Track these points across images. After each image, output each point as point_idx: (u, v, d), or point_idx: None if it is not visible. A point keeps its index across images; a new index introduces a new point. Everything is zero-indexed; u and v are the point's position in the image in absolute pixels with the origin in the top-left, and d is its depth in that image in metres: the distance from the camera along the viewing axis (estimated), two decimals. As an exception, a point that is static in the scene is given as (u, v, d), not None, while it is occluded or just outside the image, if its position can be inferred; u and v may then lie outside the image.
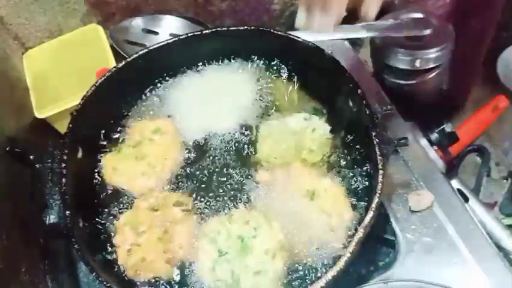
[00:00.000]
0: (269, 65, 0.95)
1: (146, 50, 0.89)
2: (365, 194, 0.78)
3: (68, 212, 0.72)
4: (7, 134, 0.91)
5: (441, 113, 1.06)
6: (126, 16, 1.20)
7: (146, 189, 0.82)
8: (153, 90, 0.94)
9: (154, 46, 0.89)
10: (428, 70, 1.05)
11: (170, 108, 0.91)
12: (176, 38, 0.91)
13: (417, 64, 1.03)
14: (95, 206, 0.82)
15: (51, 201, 0.76)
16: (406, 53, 1.02)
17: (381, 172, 0.71)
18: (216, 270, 0.71)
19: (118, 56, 1.12)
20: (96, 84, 0.84)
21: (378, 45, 1.05)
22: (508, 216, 1.06)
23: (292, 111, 0.89)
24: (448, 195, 0.88)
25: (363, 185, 0.79)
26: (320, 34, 1.03)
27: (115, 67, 0.87)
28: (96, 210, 0.81)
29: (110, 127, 0.89)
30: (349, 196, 0.78)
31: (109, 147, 0.87)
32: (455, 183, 1.01)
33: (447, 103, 1.17)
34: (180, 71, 0.95)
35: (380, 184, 0.70)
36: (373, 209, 0.68)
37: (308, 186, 0.77)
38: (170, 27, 1.21)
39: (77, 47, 1.17)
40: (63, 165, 0.76)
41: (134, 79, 0.90)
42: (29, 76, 1.11)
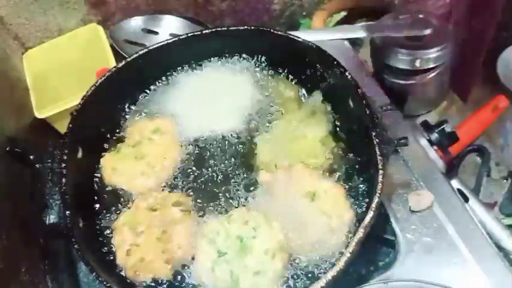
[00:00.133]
0: (269, 65, 0.95)
1: (146, 50, 0.89)
2: (365, 194, 0.78)
3: (68, 212, 0.72)
4: (7, 134, 0.91)
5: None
6: (126, 16, 1.20)
7: (145, 189, 0.82)
8: (153, 90, 0.94)
9: (154, 46, 0.89)
10: (428, 70, 1.05)
11: (170, 108, 0.91)
12: (176, 38, 0.91)
13: (417, 64, 1.03)
14: (95, 206, 0.82)
15: (51, 201, 0.76)
16: (406, 53, 1.02)
17: (381, 172, 0.71)
18: (215, 270, 0.71)
19: (118, 56, 1.12)
20: (96, 84, 0.84)
21: (378, 45, 1.05)
22: (508, 216, 1.06)
23: (292, 111, 0.89)
24: (448, 195, 0.88)
25: (363, 185, 0.79)
26: (320, 34, 1.03)
27: (115, 67, 0.87)
28: (96, 210, 0.81)
29: (110, 127, 0.89)
30: (349, 196, 0.78)
31: (109, 147, 0.87)
32: (455, 183, 1.01)
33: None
34: (180, 71, 0.95)
35: (380, 184, 0.70)
36: (373, 209, 0.68)
37: (309, 187, 0.77)
38: (170, 27, 1.21)
39: (77, 47, 1.17)
40: (63, 165, 0.76)
41: (134, 79, 0.90)
42: (29, 76, 1.11)
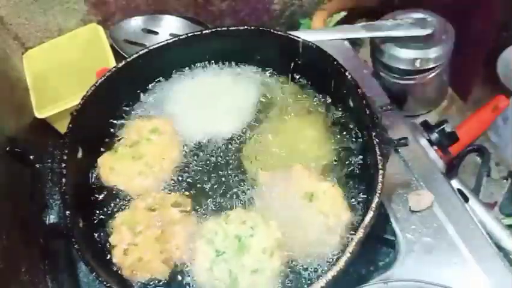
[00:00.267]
0: (269, 65, 0.95)
1: (146, 50, 0.89)
2: (365, 194, 0.78)
3: (68, 212, 0.72)
4: (7, 134, 0.91)
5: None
6: (126, 16, 1.20)
7: (143, 189, 0.81)
8: (153, 90, 0.94)
9: (154, 46, 0.89)
10: (428, 70, 1.05)
11: (169, 108, 0.91)
12: (176, 38, 0.91)
13: (417, 64, 1.03)
14: (95, 206, 0.81)
15: (51, 201, 0.76)
16: (406, 53, 1.02)
17: (381, 172, 0.71)
18: (214, 270, 0.71)
19: (118, 56, 1.12)
20: (96, 84, 0.84)
21: (378, 45, 1.05)
22: (508, 216, 1.06)
23: (291, 111, 0.89)
24: (448, 195, 0.88)
25: (363, 185, 0.79)
26: (320, 34, 1.03)
27: (115, 67, 0.87)
28: (97, 209, 0.81)
29: (110, 127, 0.89)
30: (348, 197, 0.78)
31: (109, 147, 0.87)
32: (455, 183, 1.01)
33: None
34: (180, 71, 0.95)
35: (380, 184, 0.70)
36: (373, 209, 0.68)
37: (307, 188, 0.77)
38: (170, 27, 1.21)
39: (77, 47, 1.17)
40: (63, 165, 0.76)
41: (134, 79, 0.90)
42: (29, 76, 1.11)
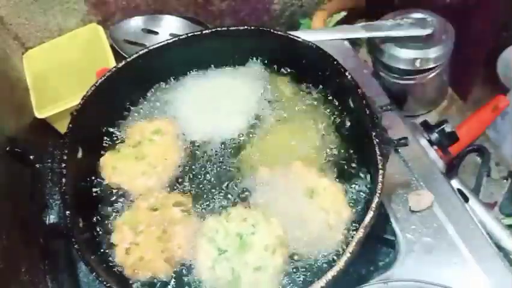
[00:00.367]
0: (269, 65, 0.95)
1: (146, 50, 0.89)
2: (365, 194, 0.78)
3: (68, 212, 0.72)
4: (7, 134, 0.91)
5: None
6: (126, 16, 1.20)
7: (146, 188, 0.81)
8: (153, 90, 0.94)
9: (154, 46, 0.89)
10: (428, 70, 1.05)
11: (170, 108, 0.91)
12: (176, 38, 0.91)
13: (417, 64, 1.03)
14: (95, 206, 0.81)
15: (51, 201, 0.76)
16: (406, 53, 1.02)
17: (381, 172, 0.71)
18: (216, 268, 0.71)
19: (118, 56, 1.12)
20: (96, 84, 0.84)
21: (378, 45, 1.05)
22: (508, 216, 1.06)
23: (292, 111, 0.89)
24: (448, 195, 0.88)
25: (363, 185, 0.79)
26: (320, 34, 1.03)
27: (115, 67, 0.87)
28: (96, 210, 0.81)
29: (110, 127, 0.89)
30: (349, 196, 0.78)
31: (109, 147, 0.87)
32: (455, 183, 1.01)
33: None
34: (180, 71, 0.95)
35: (380, 184, 0.70)
36: (373, 209, 0.68)
37: (308, 184, 0.77)
38: (170, 27, 1.21)
39: (77, 47, 1.17)
40: (63, 165, 0.76)
41: (134, 79, 0.90)
42: (29, 76, 1.11)
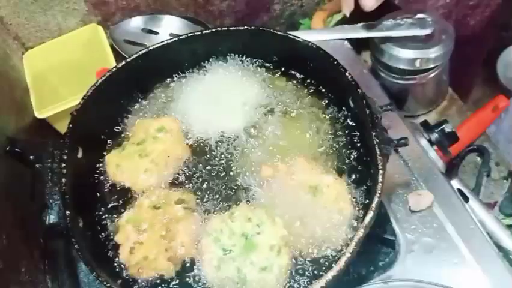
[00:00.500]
0: (269, 65, 0.95)
1: (146, 50, 0.89)
2: (365, 194, 0.78)
3: (68, 212, 0.72)
4: (7, 134, 0.91)
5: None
6: (126, 16, 1.21)
7: (148, 185, 0.82)
8: (153, 90, 0.94)
9: (154, 46, 0.89)
10: (428, 70, 1.05)
11: (171, 107, 0.92)
12: (176, 38, 0.91)
13: (417, 64, 1.03)
14: (95, 206, 0.82)
15: (51, 201, 0.76)
16: (406, 53, 1.02)
17: (381, 172, 0.71)
18: (222, 268, 0.71)
19: (118, 56, 1.12)
20: (96, 84, 0.84)
21: (378, 45, 1.05)
22: (508, 216, 1.06)
23: (292, 110, 0.89)
24: (448, 195, 0.88)
25: (363, 185, 0.79)
26: (320, 34, 1.03)
27: (115, 67, 0.87)
28: (96, 209, 0.81)
29: (110, 127, 0.89)
30: (350, 194, 0.78)
31: (109, 146, 0.87)
32: (455, 183, 1.01)
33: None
34: (180, 71, 0.95)
35: (380, 184, 0.70)
36: (373, 209, 0.68)
37: (311, 182, 0.77)
38: (170, 27, 1.21)
39: (77, 47, 1.17)
40: (63, 165, 0.76)
41: (134, 79, 0.90)
42: (29, 76, 1.11)
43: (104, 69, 0.97)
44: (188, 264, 0.75)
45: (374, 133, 0.74)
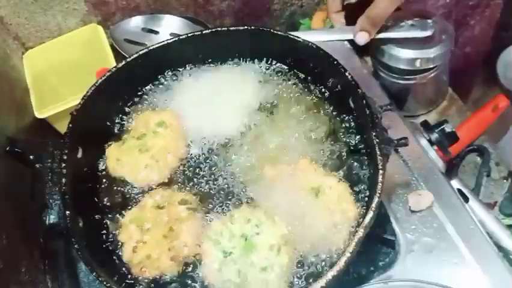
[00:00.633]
0: (269, 65, 0.94)
1: (146, 50, 0.89)
2: (366, 194, 0.78)
3: (68, 212, 0.72)
4: (7, 134, 0.91)
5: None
6: (126, 16, 1.21)
7: (148, 182, 0.82)
8: (153, 90, 0.94)
9: (154, 46, 0.89)
10: (428, 70, 1.05)
11: (170, 108, 0.91)
12: (176, 38, 0.90)
13: (417, 64, 1.03)
14: (95, 206, 0.82)
15: (51, 201, 0.76)
16: (406, 53, 1.02)
17: (381, 172, 0.71)
18: (223, 271, 0.71)
19: (118, 56, 1.12)
20: (96, 84, 0.84)
21: (378, 45, 1.05)
22: (508, 216, 1.06)
23: (292, 111, 0.89)
24: (448, 195, 0.88)
25: (363, 185, 0.79)
26: (320, 34, 1.03)
27: (115, 67, 0.87)
28: (96, 209, 0.81)
29: (110, 127, 0.89)
30: (351, 196, 0.78)
31: (109, 145, 0.87)
32: (455, 183, 1.01)
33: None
34: (180, 71, 0.95)
35: (380, 184, 0.70)
36: (373, 209, 0.68)
37: (313, 183, 0.77)
38: (170, 26, 1.21)
39: (77, 47, 1.17)
40: (63, 165, 0.76)
41: (134, 79, 0.90)
42: (29, 76, 1.11)
43: (104, 69, 0.97)
44: (190, 264, 0.75)
45: (374, 133, 0.74)
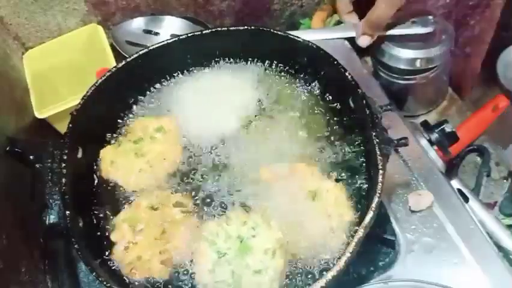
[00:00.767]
0: (269, 65, 0.95)
1: (146, 50, 0.89)
2: (365, 194, 0.78)
3: (68, 212, 0.72)
4: (7, 134, 0.91)
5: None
6: (126, 16, 1.20)
7: (141, 186, 0.81)
8: (153, 90, 0.94)
9: (154, 46, 0.89)
10: (428, 70, 1.05)
11: (170, 108, 0.91)
12: (176, 38, 0.90)
13: (417, 64, 1.03)
14: (95, 206, 0.81)
15: (51, 201, 0.76)
16: (406, 53, 1.02)
17: (381, 172, 0.71)
18: (216, 271, 0.71)
19: (118, 56, 1.12)
20: (96, 84, 0.84)
21: (378, 45, 1.05)
22: (508, 216, 1.06)
23: (292, 111, 0.89)
24: (448, 195, 0.88)
25: (363, 185, 0.79)
26: (320, 34, 1.04)
27: (115, 67, 0.87)
28: (96, 209, 0.81)
29: (110, 127, 0.89)
30: (350, 196, 0.78)
31: (104, 147, 0.87)
32: (455, 183, 1.01)
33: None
34: (180, 72, 0.95)
35: (380, 184, 0.70)
36: (373, 209, 0.68)
37: (310, 186, 0.77)
38: (171, 27, 1.21)
39: (77, 47, 1.17)
40: (63, 165, 0.76)
41: (134, 79, 0.90)
42: (29, 76, 1.11)
43: (104, 69, 0.97)
44: (182, 267, 0.74)
45: (374, 133, 0.74)
